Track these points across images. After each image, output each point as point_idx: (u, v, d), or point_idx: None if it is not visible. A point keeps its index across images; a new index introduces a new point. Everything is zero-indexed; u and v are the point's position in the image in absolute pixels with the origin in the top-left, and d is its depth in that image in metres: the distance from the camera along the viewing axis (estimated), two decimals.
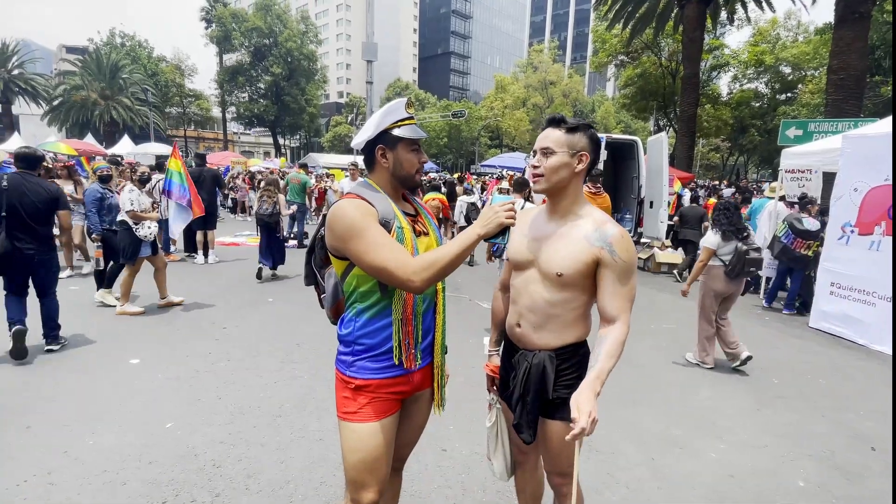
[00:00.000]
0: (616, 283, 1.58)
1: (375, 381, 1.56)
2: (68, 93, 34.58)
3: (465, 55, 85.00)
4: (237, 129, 55.83)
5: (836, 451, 3.22)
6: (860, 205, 5.58)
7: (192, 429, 3.10)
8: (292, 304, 6.02)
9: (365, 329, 1.56)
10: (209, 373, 3.96)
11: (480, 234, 1.46)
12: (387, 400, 1.59)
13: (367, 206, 1.49)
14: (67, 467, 2.66)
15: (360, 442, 1.56)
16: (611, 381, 3.98)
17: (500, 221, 1.46)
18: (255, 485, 2.57)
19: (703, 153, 41.62)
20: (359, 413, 1.56)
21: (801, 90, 29.51)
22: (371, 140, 1.58)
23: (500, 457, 1.94)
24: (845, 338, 5.63)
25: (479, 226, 1.47)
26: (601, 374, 1.49)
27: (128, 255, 5.34)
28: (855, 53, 10.30)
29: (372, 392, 1.56)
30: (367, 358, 1.56)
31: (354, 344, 1.57)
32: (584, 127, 1.64)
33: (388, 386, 1.58)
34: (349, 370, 1.58)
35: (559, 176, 1.62)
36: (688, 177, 14.20)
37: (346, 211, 1.47)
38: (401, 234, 1.52)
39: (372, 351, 1.56)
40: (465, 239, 1.45)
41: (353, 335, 1.57)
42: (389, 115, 1.57)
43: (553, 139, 1.62)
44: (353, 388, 1.57)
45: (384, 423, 1.58)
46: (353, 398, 1.57)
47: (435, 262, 1.42)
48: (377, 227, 1.46)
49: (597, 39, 28.53)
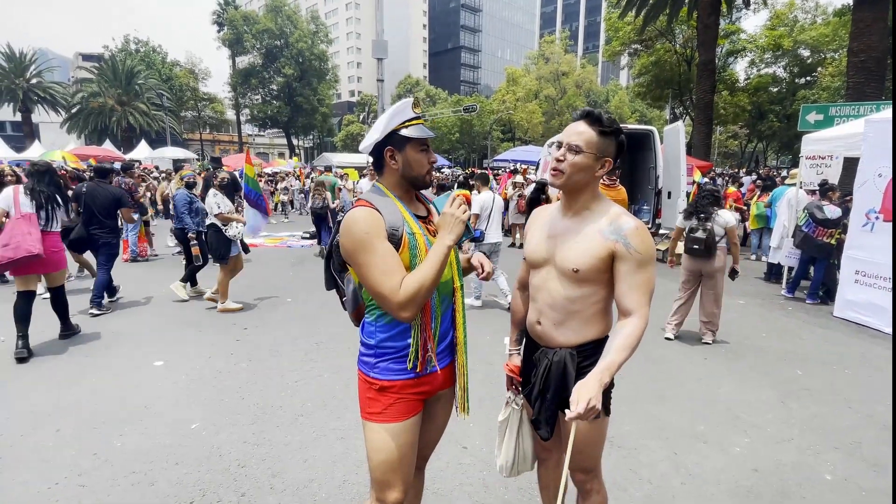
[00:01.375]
0: (632, 275, 1.55)
1: (400, 382, 1.57)
2: (86, 100, 35.25)
3: (475, 49, 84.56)
4: (251, 132, 56.41)
5: (864, 443, 3.15)
6: (885, 190, 5.43)
7: (216, 429, 3.16)
8: (310, 304, 6.08)
9: (387, 333, 1.57)
10: (232, 373, 4.03)
11: (449, 245, 1.48)
12: (411, 401, 1.60)
13: (376, 219, 1.47)
14: (97, 469, 2.73)
15: (385, 442, 1.57)
16: (631, 376, 3.98)
17: (461, 220, 1.49)
18: (279, 484, 2.62)
19: (720, 141, 40.92)
20: (384, 413, 1.58)
21: (820, 73, 28.78)
22: (379, 142, 1.57)
23: (504, 453, 1.94)
24: (871, 327, 5.50)
25: (446, 235, 1.49)
26: (611, 365, 1.45)
27: (220, 255, 5.69)
28: (875, 34, 10.01)
29: (396, 393, 1.57)
30: (390, 359, 1.57)
31: (377, 347, 1.59)
32: (618, 132, 1.60)
33: (413, 386, 1.59)
34: (373, 372, 1.59)
35: (579, 177, 1.60)
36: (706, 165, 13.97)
37: (355, 225, 1.46)
38: (413, 241, 1.52)
39: (396, 353, 1.57)
40: (438, 254, 1.46)
41: (375, 339, 1.59)
42: (396, 116, 1.56)
43: (585, 138, 1.57)
44: (378, 390, 1.58)
45: (408, 424, 1.60)
46: (378, 399, 1.58)
47: (419, 288, 1.42)
48: (383, 245, 1.45)
49: (609, 28, 28.14)
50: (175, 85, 41.72)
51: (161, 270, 7.86)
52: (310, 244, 10.84)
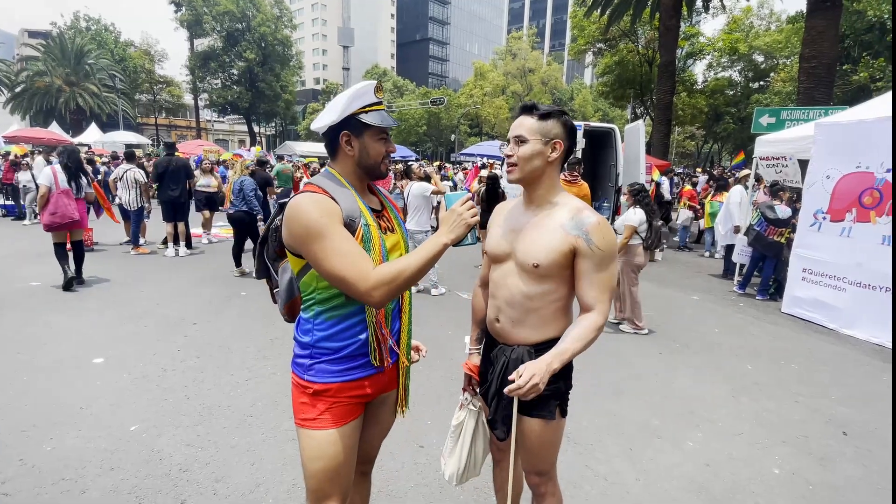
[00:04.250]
0: (593, 272, 1.54)
1: (336, 385, 1.46)
2: (31, 79, 33.16)
3: (443, 42, 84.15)
4: (210, 117, 54.38)
5: (811, 437, 3.26)
6: (832, 192, 5.65)
7: (158, 431, 2.97)
8: (266, 298, 5.82)
9: (326, 332, 1.46)
10: (177, 371, 3.81)
11: (447, 243, 1.38)
12: (348, 405, 1.49)
13: (330, 205, 1.36)
14: (23, 476, 2.51)
15: (319, 450, 1.47)
16: (589, 372, 3.99)
17: (467, 223, 1.39)
18: (223, 489, 2.47)
19: (678, 141, 42.12)
20: (318, 420, 1.47)
21: (773, 78, 29.98)
22: (335, 125, 1.45)
23: (455, 460, 1.88)
24: (817, 322, 5.74)
25: (445, 233, 1.39)
26: (563, 353, 1.46)
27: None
28: (827, 41, 10.43)
29: (332, 397, 1.47)
30: (326, 361, 1.46)
31: (313, 347, 1.47)
32: (557, 113, 1.59)
33: (350, 390, 1.49)
34: (307, 374, 1.48)
35: (532, 165, 1.57)
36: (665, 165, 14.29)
37: (305, 209, 1.34)
38: (367, 232, 1.42)
39: (333, 354, 1.46)
40: (431, 249, 1.37)
41: (311, 337, 1.47)
42: (357, 99, 1.44)
43: (526, 127, 1.57)
44: (312, 394, 1.47)
45: (345, 430, 1.49)
46: (312, 404, 1.47)
47: (398, 275, 1.33)
48: (339, 230, 1.34)
49: (575, 26, 28.39)
50: (129, 66, 39.66)
51: (104, 262, 7.43)
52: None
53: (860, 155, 5.39)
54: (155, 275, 6.76)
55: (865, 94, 18.62)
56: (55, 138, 19.58)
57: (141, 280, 6.46)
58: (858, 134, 5.39)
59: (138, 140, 26.29)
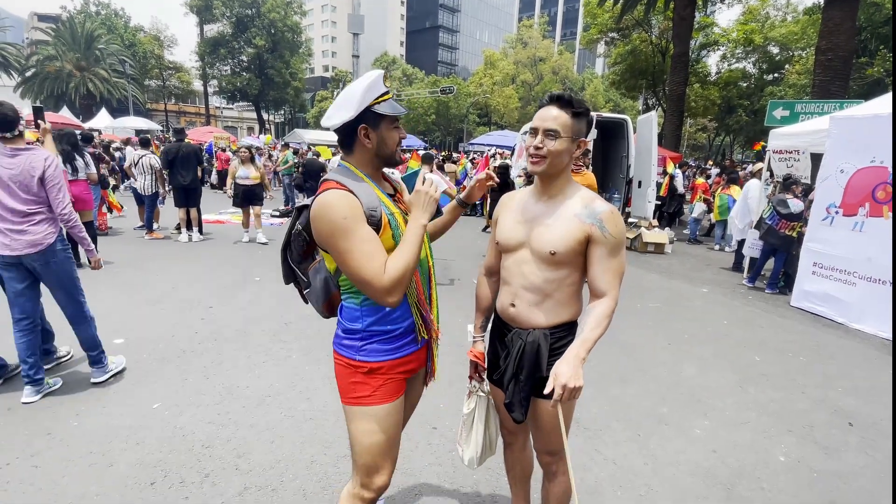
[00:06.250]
0: (606, 258, 1.58)
1: (389, 363, 1.55)
2: (41, 63, 33.28)
3: (453, 29, 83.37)
4: (219, 104, 54.43)
5: (816, 427, 3.30)
6: (846, 186, 5.64)
7: (179, 409, 3.07)
8: (280, 283, 5.93)
9: (375, 316, 1.54)
10: (196, 353, 3.91)
11: (424, 223, 1.48)
12: (398, 380, 1.59)
13: (353, 203, 1.40)
14: (52, 449, 2.62)
15: (377, 424, 1.55)
16: (598, 360, 4.05)
17: (435, 198, 1.51)
18: (244, 465, 2.57)
19: (690, 133, 41.72)
20: (373, 396, 1.54)
21: (788, 70, 29.54)
22: (353, 120, 1.46)
23: (473, 445, 1.93)
24: (825, 316, 5.75)
25: (420, 214, 1.49)
26: (586, 342, 1.49)
27: None
28: (844, 34, 10.30)
29: (384, 374, 1.55)
30: (378, 341, 1.55)
31: (364, 331, 1.54)
32: (587, 112, 1.63)
33: (400, 366, 1.58)
34: (359, 355, 1.54)
35: (561, 160, 1.61)
36: (678, 157, 14.23)
37: (331, 209, 1.37)
38: (394, 221, 1.49)
39: (385, 335, 1.55)
40: (417, 234, 1.46)
41: (362, 323, 1.54)
42: (371, 91, 1.46)
43: (561, 122, 1.57)
44: (366, 373, 1.54)
45: (397, 404, 1.60)
46: (366, 382, 1.54)
47: (403, 273, 1.40)
48: (363, 229, 1.39)
49: (587, 14, 28.10)
50: (138, 52, 39.73)
51: (119, 246, 7.56)
52: (279, 223, 10.62)
53: (875, 149, 5.37)
54: (169, 259, 6.88)
55: (881, 87, 18.38)
56: (68, 123, 19.71)
57: (156, 264, 6.57)
58: (873, 128, 5.36)
59: (149, 126, 26.41)
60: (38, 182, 2.94)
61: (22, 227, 2.93)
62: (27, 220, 2.95)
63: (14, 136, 2.98)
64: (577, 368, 1.42)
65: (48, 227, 3.02)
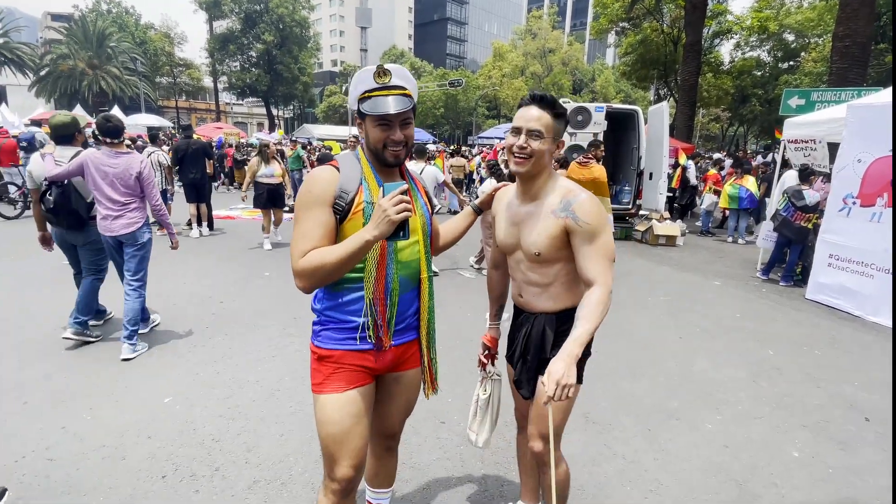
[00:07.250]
0: (586, 246, 1.58)
1: (339, 352, 1.53)
2: (55, 62, 33.64)
3: (461, 21, 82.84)
4: (229, 100, 54.73)
5: (831, 422, 3.25)
6: (863, 176, 5.51)
7: (190, 403, 3.10)
8: (288, 278, 5.96)
9: (331, 301, 1.54)
10: (206, 347, 3.95)
11: (369, 240, 1.31)
12: (352, 371, 1.54)
13: (328, 182, 1.46)
14: (66, 443, 2.66)
15: (325, 414, 1.52)
16: (608, 354, 4.01)
17: (392, 220, 1.28)
18: (254, 458, 2.58)
19: (702, 123, 41.16)
20: (324, 384, 1.53)
21: (803, 58, 28.95)
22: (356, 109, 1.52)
23: (488, 428, 2.03)
24: (842, 309, 5.65)
25: (370, 228, 1.32)
26: (580, 337, 1.48)
27: None
28: (862, 20, 10.05)
29: (335, 362, 1.53)
30: (332, 328, 1.54)
31: (321, 313, 1.56)
32: (566, 113, 1.66)
33: (352, 358, 1.54)
34: (316, 340, 1.57)
35: (544, 160, 1.63)
36: (690, 148, 14.04)
37: (306, 182, 1.48)
38: (369, 210, 1.44)
39: (336, 323, 1.54)
40: (353, 244, 1.34)
41: (321, 305, 1.56)
42: (358, 85, 1.47)
43: (544, 123, 1.59)
44: (318, 359, 1.55)
45: (351, 395, 1.53)
46: (318, 368, 1.55)
47: (316, 269, 1.38)
48: (318, 211, 1.43)
49: (597, 4, 27.70)
50: (149, 49, 40.05)
51: None
52: (288, 217, 10.66)
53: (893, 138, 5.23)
54: (180, 255, 6.92)
55: None
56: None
57: (166, 259, 6.62)
58: (892, 117, 5.23)
59: (160, 123, 26.66)
60: (135, 179, 3.74)
61: (120, 213, 3.72)
62: (125, 207, 3.73)
63: (119, 142, 3.75)
64: (571, 367, 1.42)
65: (139, 214, 3.82)
